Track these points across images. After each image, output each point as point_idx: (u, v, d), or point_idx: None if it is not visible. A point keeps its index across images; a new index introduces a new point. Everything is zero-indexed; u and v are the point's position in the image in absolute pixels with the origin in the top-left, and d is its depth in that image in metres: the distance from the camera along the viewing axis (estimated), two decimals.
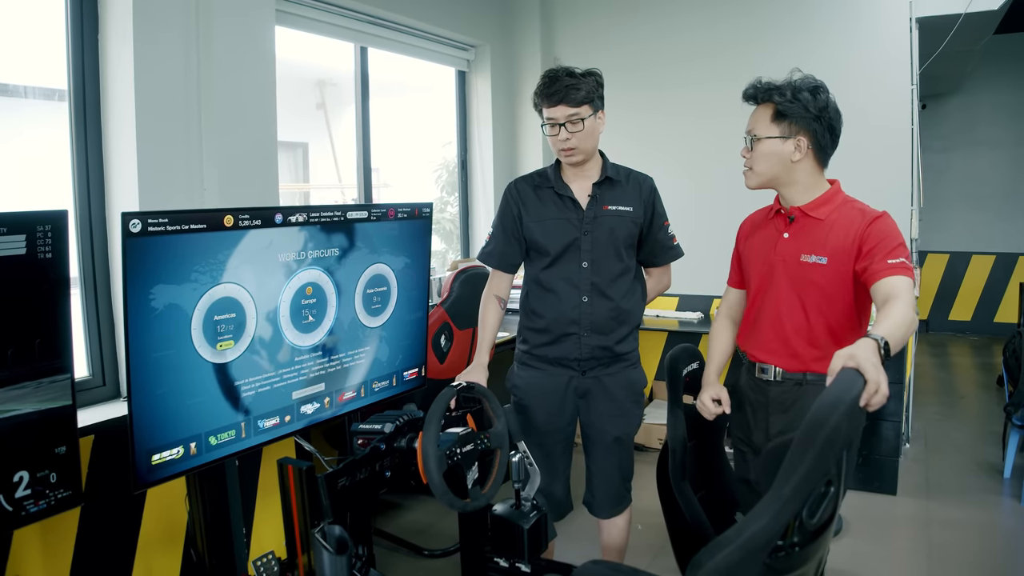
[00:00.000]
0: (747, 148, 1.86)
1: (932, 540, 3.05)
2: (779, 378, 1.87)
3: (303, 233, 1.95)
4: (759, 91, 1.84)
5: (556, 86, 2.03)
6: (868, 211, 1.79)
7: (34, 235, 1.51)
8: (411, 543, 3.02)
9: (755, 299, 1.95)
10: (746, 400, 1.96)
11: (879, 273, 1.66)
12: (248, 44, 2.61)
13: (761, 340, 1.91)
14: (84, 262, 2.30)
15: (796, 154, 1.80)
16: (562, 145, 2.07)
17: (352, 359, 2.16)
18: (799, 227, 1.85)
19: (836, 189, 1.87)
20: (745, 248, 2.02)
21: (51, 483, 1.59)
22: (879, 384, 1.24)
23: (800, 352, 1.84)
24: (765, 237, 1.93)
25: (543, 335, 2.17)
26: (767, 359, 1.89)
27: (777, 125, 1.80)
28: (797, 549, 1.16)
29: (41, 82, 2.41)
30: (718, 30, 4.13)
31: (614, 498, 2.25)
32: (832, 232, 1.79)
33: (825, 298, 1.80)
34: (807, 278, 1.82)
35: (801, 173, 1.83)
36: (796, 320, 1.84)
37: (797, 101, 1.78)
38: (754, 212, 2.05)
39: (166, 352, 1.65)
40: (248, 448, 1.90)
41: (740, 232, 2.06)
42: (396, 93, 4.48)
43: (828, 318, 1.81)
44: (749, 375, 1.95)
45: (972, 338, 7.16)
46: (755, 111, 1.86)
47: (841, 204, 1.83)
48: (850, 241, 1.76)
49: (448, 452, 1.81)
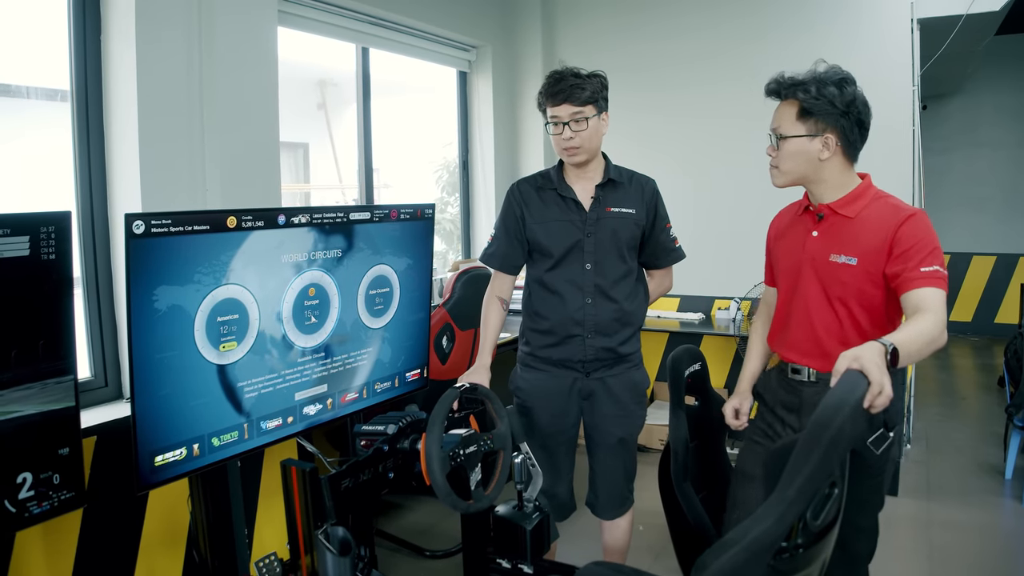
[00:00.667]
0: (772, 146, 1.79)
1: (933, 541, 3.05)
2: (813, 379, 1.81)
3: (306, 234, 1.95)
4: (782, 86, 1.76)
5: (561, 85, 2.03)
6: (902, 208, 1.72)
7: (38, 236, 1.50)
8: (413, 544, 3.02)
9: (785, 299, 1.90)
10: (777, 402, 1.90)
11: (911, 282, 1.60)
12: (250, 44, 2.61)
13: (793, 341, 1.86)
14: (86, 263, 2.29)
15: (824, 152, 1.73)
16: (565, 144, 2.07)
17: (354, 360, 2.16)
18: (828, 225, 1.79)
19: (867, 184, 1.79)
20: (775, 247, 1.97)
21: (54, 484, 1.59)
22: (882, 386, 1.23)
23: (832, 352, 1.75)
24: (794, 235, 1.87)
25: (547, 337, 2.17)
26: (800, 360, 1.83)
27: (803, 123, 1.73)
28: (801, 550, 1.16)
29: (43, 83, 2.41)
30: (719, 31, 4.13)
31: (617, 499, 2.25)
32: (863, 231, 1.72)
33: (855, 299, 1.74)
34: (836, 278, 1.75)
35: (829, 171, 1.76)
36: (827, 321, 1.78)
37: (823, 97, 1.70)
38: (783, 208, 1.99)
39: (169, 353, 1.65)
40: (251, 449, 1.90)
41: (770, 230, 2.01)
42: (397, 93, 4.48)
43: (859, 319, 1.75)
44: (781, 376, 1.90)
45: (973, 339, 7.16)
46: (779, 108, 1.78)
47: (873, 200, 1.76)
48: (881, 240, 1.69)
49: (451, 453, 1.81)
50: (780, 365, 1.93)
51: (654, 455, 2.57)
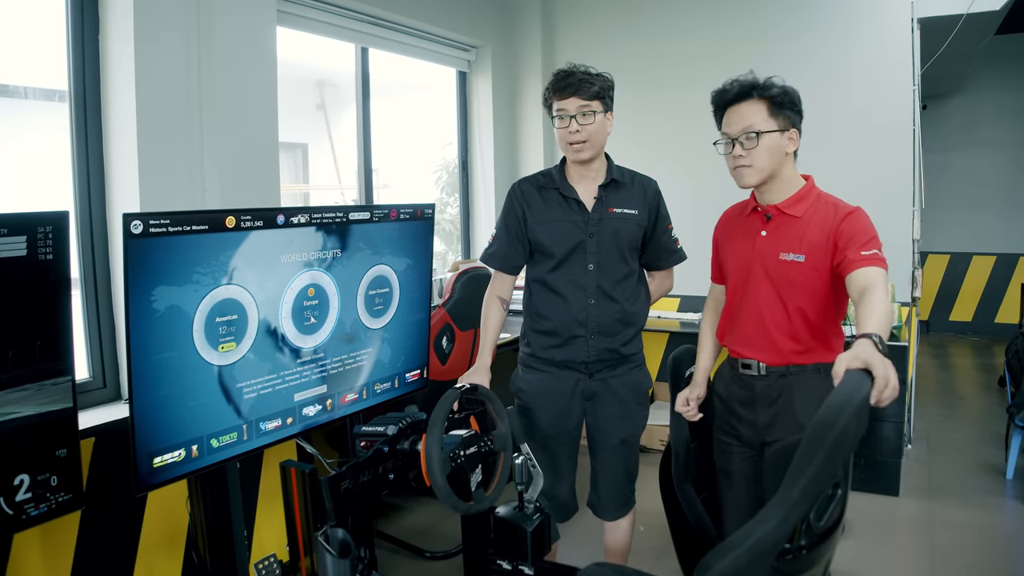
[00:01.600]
0: (740, 147, 1.83)
1: (934, 542, 3.04)
2: (763, 372, 1.89)
3: (305, 234, 1.94)
4: (746, 87, 1.84)
5: (570, 79, 2.04)
6: (841, 206, 1.82)
7: (35, 236, 1.50)
8: (413, 545, 3.01)
9: (734, 296, 1.97)
10: (732, 396, 1.96)
11: (853, 263, 1.69)
12: (249, 44, 2.61)
13: (742, 336, 1.93)
14: (84, 263, 2.29)
15: (790, 146, 1.83)
16: (572, 138, 2.05)
17: (354, 361, 2.15)
18: (776, 225, 1.87)
19: (811, 185, 1.89)
20: (723, 246, 2.04)
21: (52, 486, 1.58)
22: (888, 377, 1.23)
23: (781, 347, 1.86)
24: (743, 235, 1.95)
25: (549, 338, 2.15)
26: (750, 354, 1.91)
27: (775, 118, 1.81)
28: (804, 552, 1.15)
29: (41, 83, 2.40)
30: (719, 31, 4.12)
31: (619, 500, 2.24)
32: (808, 229, 1.82)
33: (804, 294, 1.83)
34: (787, 276, 1.84)
35: (787, 167, 1.86)
36: (777, 317, 1.86)
37: (788, 94, 1.81)
38: (728, 208, 2.06)
39: (168, 354, 1.64)
40: (250, 450, 1.89)
41: (716, 231, 2.09)
42: (396, 94, 4.47)
43: (808, 313, 1.84)
44: (732, 371, 1.97)
45: (973, 339, 7.16)
46: (742, 108, 1.84)
47: (816, 200, 1.85)
48: (825, 237, 1.78)
49: (452, 455, 1.80)
50: (730, 360, 1.99)
51: (655, 456, 2.56)
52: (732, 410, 1.96)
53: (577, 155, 2.08)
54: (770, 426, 1.87)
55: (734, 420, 1.96)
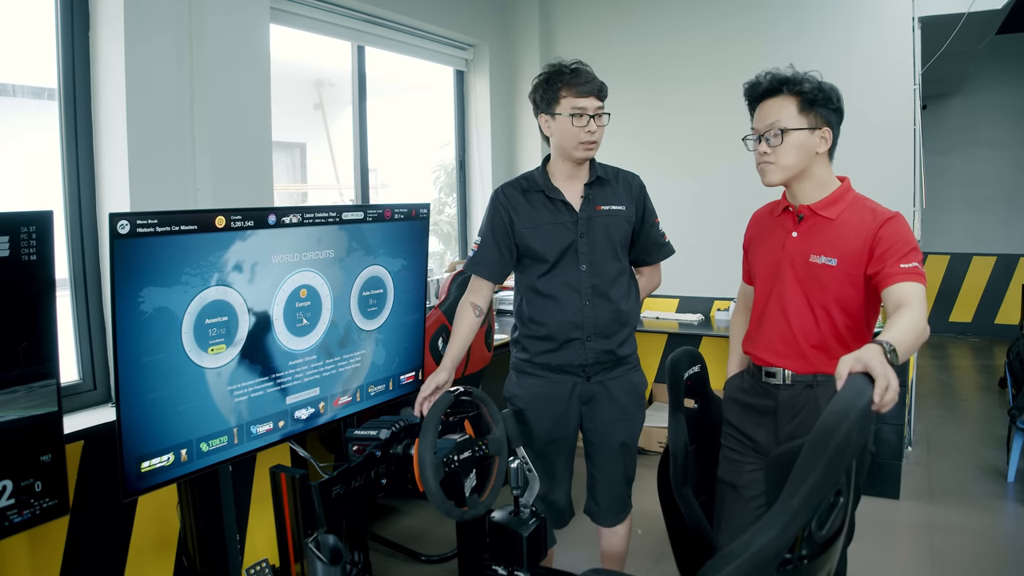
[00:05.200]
0: (766, 143, 1.76)
1: (935, 545, 3.02)
2: (789, 381, 1.80)
3: (297, 234, 1.91)
4: (777, 82, 1.76)
5: (592, 79, 2.01)
6: (880, 211, 1.73)
7: (18, 236, 1.46)
8: (408, 549, 2.98)
9: (761, 299, 1.89)
10: (751, 406, 1.89)
11: (892, 277, 1.61)
12: (242, 42, 2.58)
13: (767, 342, 1.85)
14: (74, 263, 2.26)
15: (821, 146, 1.75)
16: (589, 137, 2.02)
17: (347, 363, 2.12)
18: (808, 226, 1.79)
19: (847, 187, 1.80)
20: (752, 246, 1.96)
21: (36, 492, 1.55)
22: (888, 381, 1.20)
23: (807, 354, 1.78)
24: (773, 235, 1.87)
25: (545, 343, 2.12)
26: (775, 362, 1.83)
27: (805, 116, 1.73)
28: (806, 562, 1.12)
29: (30, 81, 2.37)
30: (718, 30, 4.09)
31: (617, 505, 2.21)
32: (843, 233, 1.73)
33: (834, 300, 1.75)
34: (816, 279, 1.76)
35: (819, 167, 1.78)
36: (804, 322, 1.78)
37: (822, 92, 1.73)
38: (760, 208, 1.99)
39: (156, 356, 1.61)
40: (241, 454, 1.85)
41: (748, 230, 2.01)
42: (394, 93, 4.45)
43: (836, 320, 1.75)
44: (755, 379, 1.88)
45: (973, 340, 7.14)
46: (772, 104, 1.77)
47: (852, 203, 1.77)
48: (861, 243, 1.70)
49: (445, 459, 1.77)
50: (751, 368, 1.91)
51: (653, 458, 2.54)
52: (751, 420, 1.88)
53: (586, 155, 2.05)
54: (793, 438, 1.77)
55: (750, 432, 1.88)
